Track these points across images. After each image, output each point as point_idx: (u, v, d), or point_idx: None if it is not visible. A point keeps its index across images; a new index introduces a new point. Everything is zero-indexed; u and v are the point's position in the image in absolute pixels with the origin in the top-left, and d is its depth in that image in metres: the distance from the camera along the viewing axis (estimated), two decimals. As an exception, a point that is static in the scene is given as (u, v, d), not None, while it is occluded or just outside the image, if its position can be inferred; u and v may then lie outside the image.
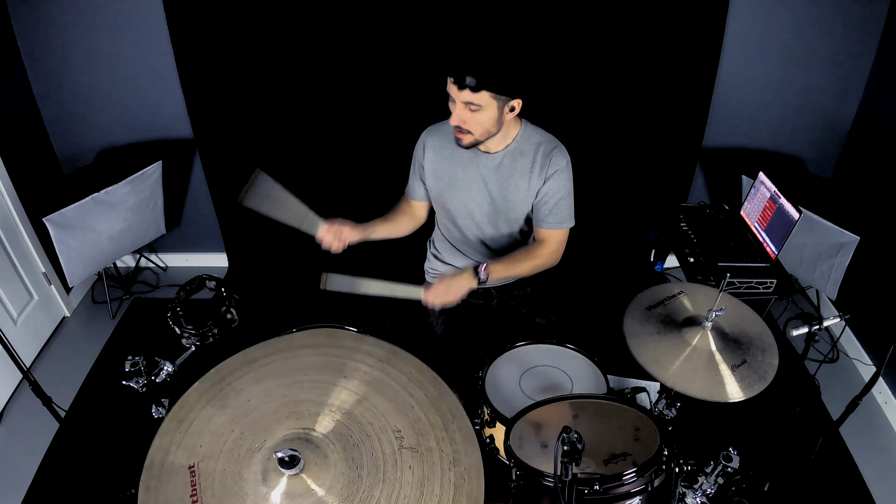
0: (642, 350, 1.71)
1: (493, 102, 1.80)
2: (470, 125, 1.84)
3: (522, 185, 2.00)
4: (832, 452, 2.50)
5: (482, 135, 1.88)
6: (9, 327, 2.85)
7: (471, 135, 1.87)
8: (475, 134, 1.87)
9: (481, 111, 1.81)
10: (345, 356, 1.44)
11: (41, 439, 2.56)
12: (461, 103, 1.81)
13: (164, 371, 1.80)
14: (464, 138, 1.89)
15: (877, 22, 2.75)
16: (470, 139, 1.89)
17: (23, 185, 2.95)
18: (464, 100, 1.79)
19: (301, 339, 1.51)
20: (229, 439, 1.27)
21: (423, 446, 1.27)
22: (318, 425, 1.28)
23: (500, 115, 1.84)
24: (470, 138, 1.88)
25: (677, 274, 3.47)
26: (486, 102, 1.79)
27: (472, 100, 1.78)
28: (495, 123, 1.86)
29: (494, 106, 1.81)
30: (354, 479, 1.20)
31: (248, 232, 3.48)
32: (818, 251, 2.72)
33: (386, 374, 1.40)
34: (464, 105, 1.81)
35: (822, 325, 1.85)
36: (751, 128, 3.10)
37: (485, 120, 1.83)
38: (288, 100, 3.02)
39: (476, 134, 1.87)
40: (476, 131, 1.86)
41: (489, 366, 1.92)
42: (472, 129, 1.85)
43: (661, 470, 1.51)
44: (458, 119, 1.84)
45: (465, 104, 1.80)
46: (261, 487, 1.18)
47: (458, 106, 1.82)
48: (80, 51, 2.93)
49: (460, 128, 1.86)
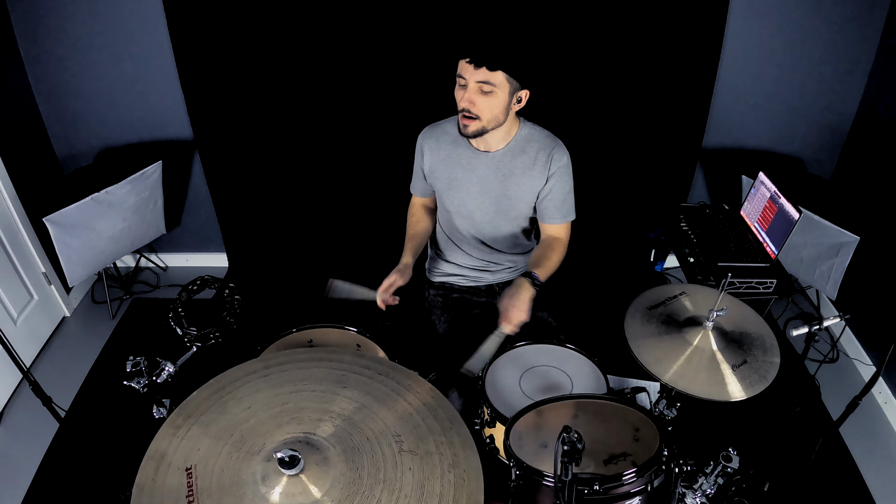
0: (644, 350, 1.72)
1: (507, 86, 1.80)
2: (479, 108, 1.82)
3: (523, 183, 2.00)
4: (832, 452, 2.50)
5: (489, 122, 1.85)
6: (9, 327, 2.85)
7: (478, 121, 1.84)
8: (483, 119, 1.84)
9: (493, 95, 1.79)
10: (344, 369, 1.46)
11: (41, 439, 2.56)
12: (474, 84, 1.79)
13: (165, 371, 1.80)
14: (470, 124, 1.86)
15: (877, 22, 2.75)
16: (476, 126, 1.86)
17: (23, 185, 2.95)
18: (479, 79, 1.77)
19: (301, 354, 1.52)
20: (228, 442, 1.27)
21: (422, 450, 1.27)
22: (318, 430, 1.29)
23: (509, 102, 1.84)
24: (476, 125, 1.85)
25: (677, 274, 3.47)
26: (500, 84, 1.78)
27: (489, 78, 1.76)
28: (504, 111, 1.85)
29: (506, 90, 1.80)
30: (355, 479, 1.20)
31: (248, 232, 3.48)
32: (818, 251, 2.72)
33: (385, 385, 1.42)
34: (476, 87, 1.79)
35: (822, 325, 1.85)
36: (751, 128, 3.10)
37: (495, 105, 1.82)
38: (288, 100, 3.02)
39: (483, 120, 1.84)
40: (484, 116, 1.84)
41: (489, 366, 1.93)
42: (480, 114, 1.83)
43: (660, 470, 1.51)
44: (468, 101, 1.81)
45: (478, 85, 1.78)
46: (260, 488, 1.18)
47: (469, 87, 1.80)
48: (80, 51, 2.93)
49: (468, 113, 1.83)
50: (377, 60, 2.89)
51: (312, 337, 2.00)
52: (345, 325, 2.01)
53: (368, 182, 3.24)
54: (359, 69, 2.92)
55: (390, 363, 1.51)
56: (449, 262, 2.27)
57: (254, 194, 3.34)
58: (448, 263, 2.28)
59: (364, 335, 2.00)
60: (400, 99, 2.96)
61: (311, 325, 2.01)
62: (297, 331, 1.99)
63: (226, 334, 1.96)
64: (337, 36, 2.83)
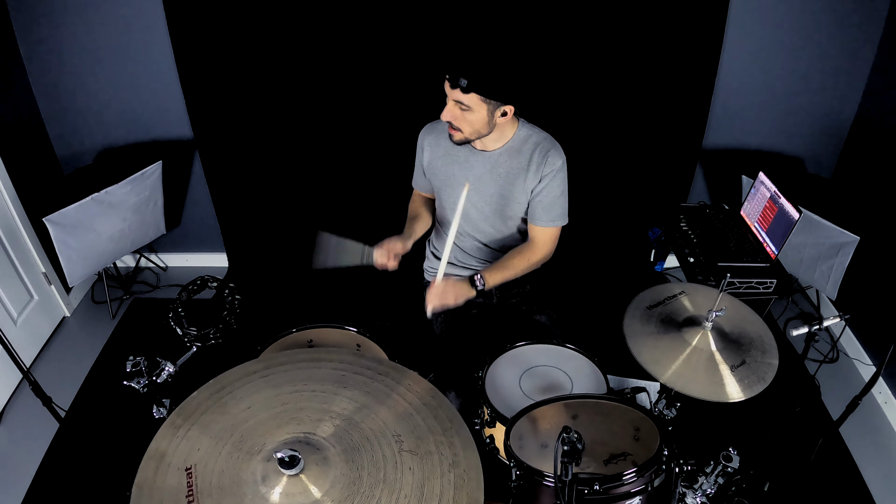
0: (643, 350, 1.71)
1: (483, 106, 1.84)
2: (460, 123, 1.89)
3: (518, 183, 2.01)
4: (832, 452, 2.50)
5: (472, 134, 1.92)
6: (9, 327, 2.85)
7: (461, 132, 1.92)
8: (465, 132, 1.92)
9: (471, 112, 1.85)
10: (344, 369, 1.46)
11: (41, 439, 2.56)
12: (452, 101, 1.86)
13: (165, 371, 1.80)
14: (455, 135, 1.94)
15: (877, 22, 2.74)
16: (460, 136, 1.93)
17: (23, 185, 2.95)
18: (455, 98, 1.84)
19: (301, 354, 1.52)
20: (228, 442, 1.27)
21: (422, 449, 1.27)
22: (318, 430, 1.29)
23: (490, 118, 1.88)
24: (460, 135, 1.93)
25: (677, 274, 3.47)
26: (475, 105, 1.83)
27: (462, 100, 1.82)
28: (485, 125, 1.90)
29: (484, 109, 1.85)
30: (355, 479, 1.20)
31: (248, 232, 3.48)
32: (818, 251, 2.72)
33: (385, 385, 1.42)
34: (454, 103, 1.85)
35: (822, 325, 1.85)
36: (751, 128, 3.10)
37: (474, 121, 1.87)
38: (288, 100, 3.02)
39: (465, 133, 1.92)
40: (465, 130, 1.91)
41: (489, 366, 1.93)
42: (461, 128, 1.91)
43: (661, 470, 1.51)
44: (450, 115, 1.89)
45: (455, 102, 1.85)
46: (260, 488, 1.18)
47: (448, 104, 1.87)
48: (80, 51, 2.93)
49: (451, 124, 1.91)
50: (377, 60, 2.89)
51: (312, 337, 2.00)
52: (345, 325, 2.01)
53: (368, 181, 3.24)
54: (358, 68, 2.92)
55: (390, 363, 1.51)
56: (448, 262, 2.27)
57: (254, 194, 3.34)
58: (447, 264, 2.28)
59: (364, 335, 2.00)
60: (399, 98, 2.96)
61: (311, 325, 2.01)
62: (297, 331, 1.99)
63: (226, 334, 1.96)
64: (336, 36, 2.84)
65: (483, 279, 1.98)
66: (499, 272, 2.03)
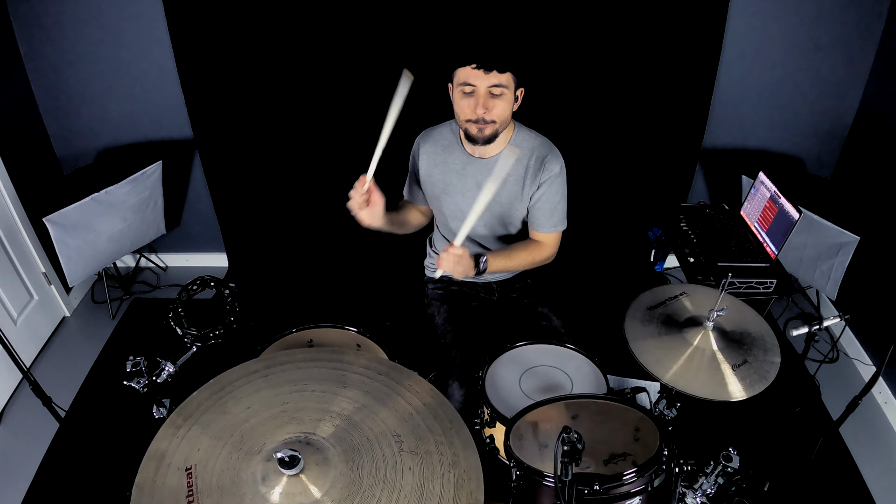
0: (644, 350, 1.72)
1: (513, 86, 1.83)
2: (494, 113, 1.84)
3: (516, 189, 2.01)
4: (832, 452, 2.50)
5: (502, 123, 1.88)
6: (9, 327, 2.85)
7: (493, 124, 1.86)
8: (497, 122, 1.86)
9: (503, 96, 1.82)
10: (344, 369, 1.46)
11: (41, 439, 2.56)
12: (485, 90, 1.80)
13: (165, 371, 1.80)
14: (486, 129, 1.86)
15: (877, 22, 2.74)
16: (491, 129, 1.87)
17: (23, 185, 2.95)
18: (490, 83, 1.79)
19: (301, 354, 1.52)
20: (228, 443, 1.27)
21: (422, 449, 1.27)
22: (318, 430, 1.29)
23: (513, 102, 1.87)
24: (492, 128, 1.87)
25: (677, 274, 3.47)
26: (509, 84, 1.81)
27: (500, 80, 1.79)
28: (510, 111, 1.89)
29: (512, 90, 1.84)
30: (355, 479, 1.20)
31: (248, 232, 3.48)
32: (818, 251, 2.72)
33: (385, 385, 1.42)
34: (487, 92, 1.80)
35: (822, 325, 1.85)
36: (751, 128, 3.10)
37: (505, 106, 1.85)
38: (288, 100, 3.02)
39: (498, 122, 1.86)
40: (498, 119, 1.85)
41: (489, 366, 1.93)
42: (495, 118, 1.85)
43: (661, 470, 1.51)
44: (482, 108, 1.82)
45: (489, 90, 1.80)
46: (260, 488, 1.18)
47: (480, 95, 1.81)
48: (80, 51, 2.93)
49: (482, 119, 1.84)
50: (377, 60, 2.89)
51: (312, 337, 2.00)
52: (345, 325, 2.01)
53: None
54: (358, 69, 2.92)
55: (390, 363, 1.51)
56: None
57: (254, 194, 3.34)
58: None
59: (364, 335, 2.00)
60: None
61: (311, 325, 2.01)
62: (297, 331, 1.99)
63: (226, 334, 1.96)
64: (337, 36, 2.83)
65: (486, 262, 1.96)
66: (502, 259, 2.01)
